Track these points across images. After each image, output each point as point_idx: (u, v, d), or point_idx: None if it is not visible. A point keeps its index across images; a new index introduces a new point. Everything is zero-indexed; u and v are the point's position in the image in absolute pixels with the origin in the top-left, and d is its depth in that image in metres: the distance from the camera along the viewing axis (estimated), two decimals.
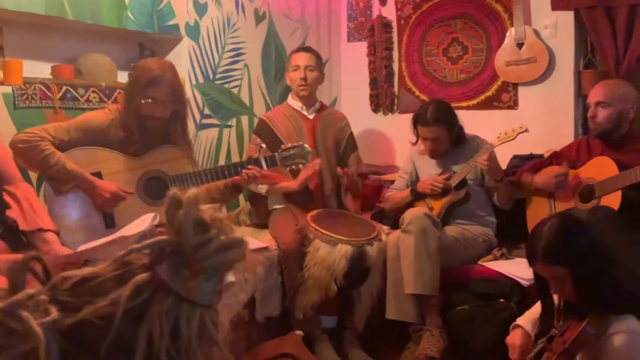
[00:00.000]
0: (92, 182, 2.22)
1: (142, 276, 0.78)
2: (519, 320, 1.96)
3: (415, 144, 3.09)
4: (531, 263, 1.75)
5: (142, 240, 0.80)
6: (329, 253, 2.59)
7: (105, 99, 2.74)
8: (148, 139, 2.34)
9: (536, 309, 1.96)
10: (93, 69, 2.77)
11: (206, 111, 3.24)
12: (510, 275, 2.59)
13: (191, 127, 3.13)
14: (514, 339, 1.92)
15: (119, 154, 2.31)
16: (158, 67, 2.30)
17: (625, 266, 1.77)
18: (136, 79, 2.31)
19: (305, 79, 3.07)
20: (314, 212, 2.88)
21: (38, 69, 2.62)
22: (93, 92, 2.71)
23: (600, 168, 2.55)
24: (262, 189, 3.01)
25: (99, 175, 2.26)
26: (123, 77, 2.92)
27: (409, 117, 3.02)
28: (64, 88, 2.60)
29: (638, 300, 1.66)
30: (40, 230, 1.92)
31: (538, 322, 1.89)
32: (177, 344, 0.77)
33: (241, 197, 3.45)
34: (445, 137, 2.93)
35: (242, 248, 0.82)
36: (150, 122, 2.32)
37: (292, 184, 2.93)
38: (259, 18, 3.56)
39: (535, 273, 1.80)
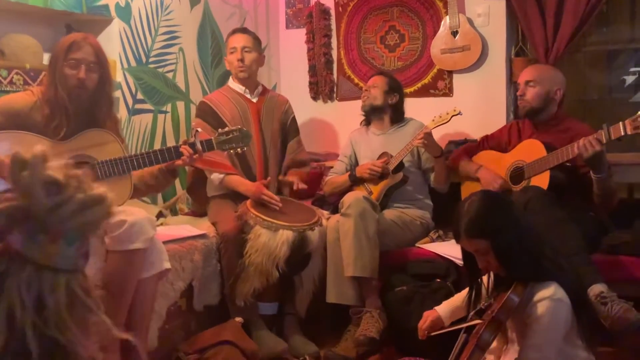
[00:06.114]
0: None
1: None
2: (438, 307, 2.07)
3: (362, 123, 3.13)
4: (457, 240, 1.82)
5: None
6: (270, 239, 2.57)
7: (30, 81, 2.60)
8: (74, 121, 2.20)
9: (456, 298, 2.07)
10: (17, 50, 2.62)
11: (139, 96, 3.13)
12: (446, 256, 2.65)
13: (124, 112, 3.02)
14: (429, 314, 2.06)
15: (44, 138, 2.16)
16: (79, 35, 2.23)
17: (550, 239, 1.86)
18: (59, 47, 2.19)
19: (242, 60, 3.01)
20: None
21: None
22: (17, 73, 2.56)
23: (529, 150, 2.65)
24: (216, 179, 2.91)
25: None
26: None
27: (348, 104, 3.02)
28: None
29: (559, 268, 1.76)
30: None
31: (466, 305, 1.97)
32: (44, 315, 0.72)
33: (178, 185, 3.36)
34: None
35: (105, 205, 0.77)
36: (76, 92, 2.19)
37: (251, 191, 2.80)
38: (193, 1, 3.47)
39: (463, 251, 1.86)
